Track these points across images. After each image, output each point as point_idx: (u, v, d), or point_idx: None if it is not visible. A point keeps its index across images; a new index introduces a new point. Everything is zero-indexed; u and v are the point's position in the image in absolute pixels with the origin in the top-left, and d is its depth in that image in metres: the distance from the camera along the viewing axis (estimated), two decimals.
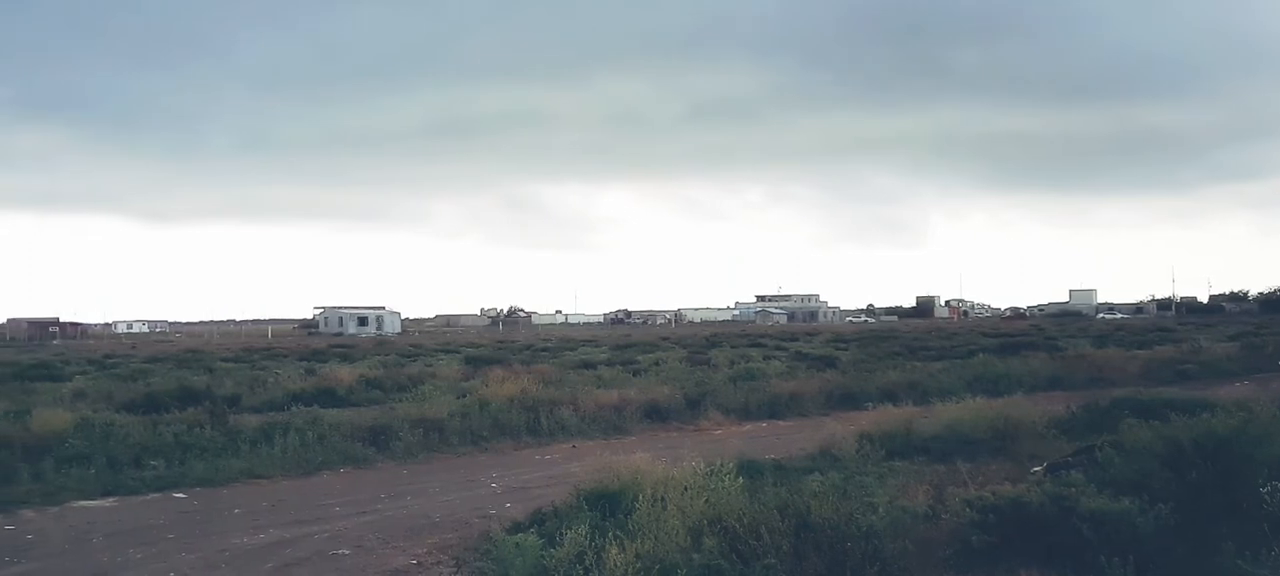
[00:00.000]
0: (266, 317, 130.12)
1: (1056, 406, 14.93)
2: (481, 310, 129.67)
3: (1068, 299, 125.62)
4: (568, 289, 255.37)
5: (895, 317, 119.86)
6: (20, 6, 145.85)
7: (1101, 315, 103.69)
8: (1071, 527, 6.77)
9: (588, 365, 29.13)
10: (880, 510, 7.33)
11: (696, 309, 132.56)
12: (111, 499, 11.40)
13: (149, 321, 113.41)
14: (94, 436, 13.51)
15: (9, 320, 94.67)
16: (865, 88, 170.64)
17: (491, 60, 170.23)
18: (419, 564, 8.28)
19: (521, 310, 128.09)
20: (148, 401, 18.40)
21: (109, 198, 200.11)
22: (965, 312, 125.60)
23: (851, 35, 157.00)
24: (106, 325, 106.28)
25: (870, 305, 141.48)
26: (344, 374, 24.97)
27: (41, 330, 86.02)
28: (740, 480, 8.05)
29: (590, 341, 50.08)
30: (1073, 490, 7.38)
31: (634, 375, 24.93)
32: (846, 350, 36.21)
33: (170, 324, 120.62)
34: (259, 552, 8.71)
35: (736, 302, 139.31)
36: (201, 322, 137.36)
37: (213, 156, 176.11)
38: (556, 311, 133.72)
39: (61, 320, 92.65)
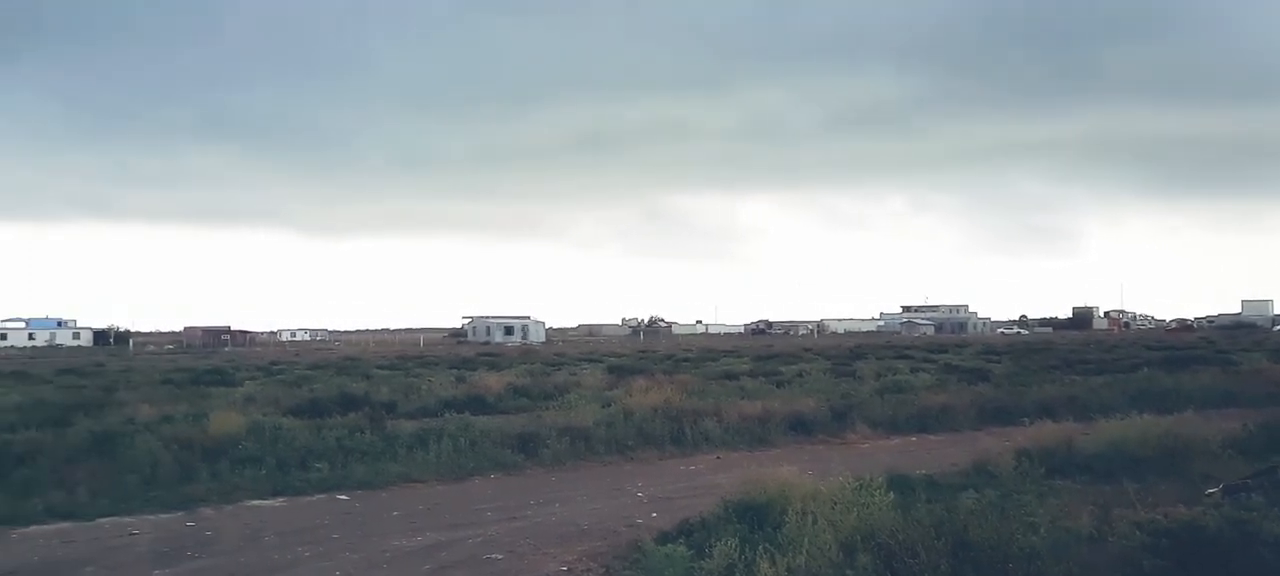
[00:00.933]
0: (419, 327, 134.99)
1: (1231, 424, 14.04)
2: (623, 320, 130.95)
3: (1240, 310, 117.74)
4: (708, 299, 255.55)
5: (1050, 329, 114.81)
6: (196, 38, 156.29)
7: (1279, 327, 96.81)
8: (1254, 554, 6.35)
9: (730, 376, 29.04)
10: (1042, 531, 7.03)
11: (839, 319, 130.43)
12: (281, 499, 12.03)
13: (311, 330, 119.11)
14: (264, 439, 14.26)
15: (185, 328, 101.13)
16: (1011, 91, 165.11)
17: (632, 73, 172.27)
18: (569, 570, 8.42)
19: (662, 320, 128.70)
20: (312, 406, 19.33)
21: (275, 213, 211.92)
22: (1127, 324, 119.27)
23: (996, 38, 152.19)
24: (272, 333, 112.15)
25: (1023, 316, 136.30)
26: (492, 381, 25.65)
27: (214, 338, 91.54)
28: (891, 495, 7.87)
29: (731, 352, 49.93)
30: (1254, 514, 6.93)
31: (777, 386, 24.70)
32: (999, 363, 34.95)
33: (330, 332, 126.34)
34: (417, 554, 9.03)
35: (881, 313, 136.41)
36: (358, 331, 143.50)
37: (369, 173, 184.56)
38: (697, 321, 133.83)
39: (232, 328, 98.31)
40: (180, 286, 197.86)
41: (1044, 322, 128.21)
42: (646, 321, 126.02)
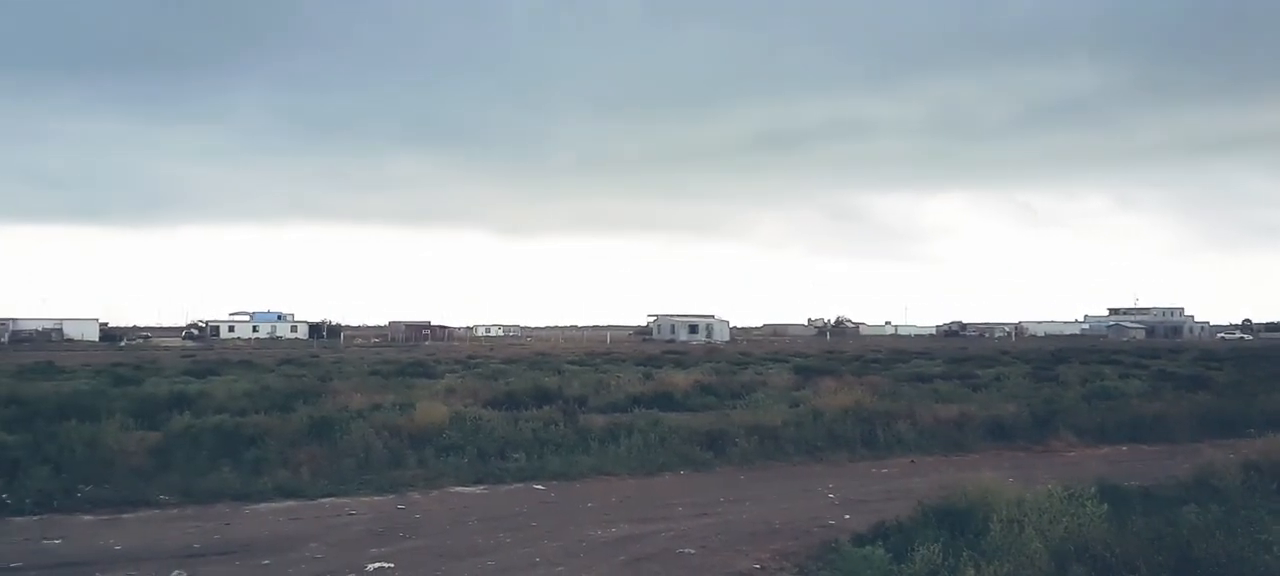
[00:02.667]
0: (605, 324, 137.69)
1: None
2: (808, 320, 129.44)
3: None
4: (896, 299, 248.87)
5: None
6: (399, 51, 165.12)
7: None
8: None
9: (922, 378, 28.21)
10: (1276, 550, 6.49)
11: (1039, 321, 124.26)
12: (482, 486, 12.55)
13: (504, 326, 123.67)
14: (466, 429, 14.91)
15: (390, 323, 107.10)
16: (1226, 79, 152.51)
17: (813, 72, 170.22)
18: (763, 568, 8.39)
19: (849, 320, 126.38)
20: (508, 399, 20.08)
21: (471, 214, 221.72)
22: None
23: (1206, 23, 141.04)
24: (468, 329, 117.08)
25: (1246, 320, 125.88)
26: (679, 379, 25.87)
27: (416, 332, 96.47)
28: (1104, 506, 7.45)
29: (923, 353, 48.49)
30: None
31: (973, 390, 23.82)
32: (1219, 370, 32.45)
33: (522, 328, 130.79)
34: (612, 545, 9.22)
35: (1085, 315, 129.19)
36: (548, 328, 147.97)
37: (558, 175, 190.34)
38: (886, 322, 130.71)
39: (432, 323, 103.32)
40: (385, 283, 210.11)
41: (1271, 327, 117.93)
42: (833, 321, 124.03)
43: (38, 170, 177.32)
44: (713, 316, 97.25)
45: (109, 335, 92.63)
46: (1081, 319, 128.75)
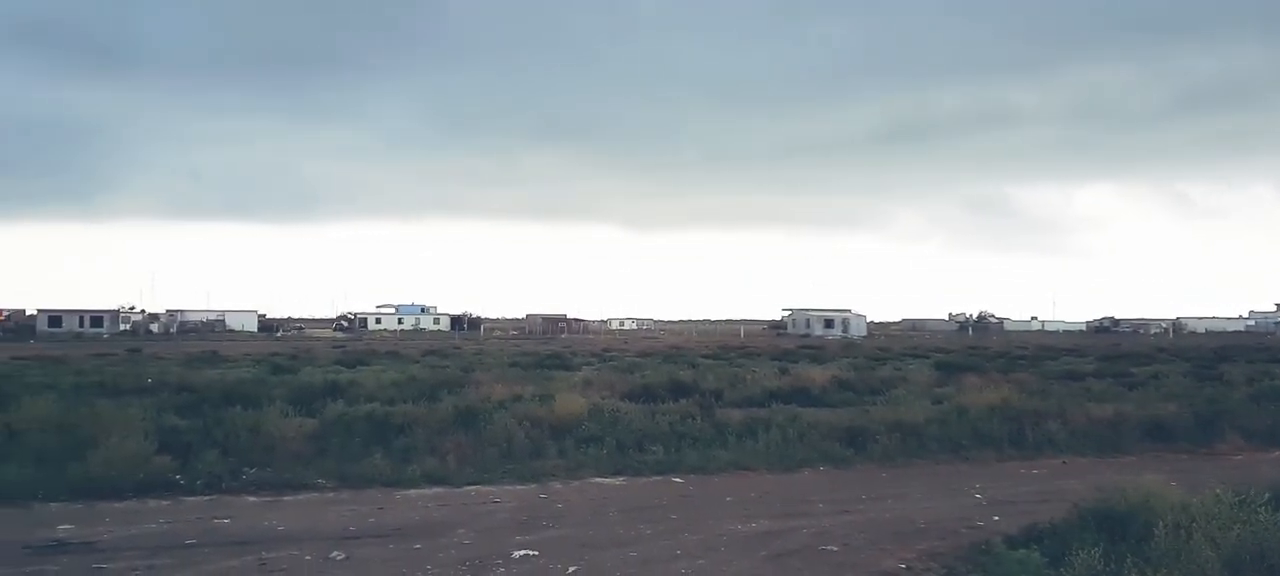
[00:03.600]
0: (738, 318, 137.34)
1: None
2: (949, 315, 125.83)
3: None
4: (1042, 294, 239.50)
5: None
6: (530, 51, 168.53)
7: None
8: None
9: (1073, 376, 27.09)
10: None
11: (1199, 317, 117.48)
12: (620, 477, 12.68)
13: (637, 319, 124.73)
14: (604, 421, 15.08)
15: (527, 316, 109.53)
16: None
17: (951, 59, 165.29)
18: (908, 568, 8.20)
19: (992, 315, 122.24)
20: (644, 392, 20.22)
21: (602, 209, 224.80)
22: None
23: None
24: (603, 322, 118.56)
25: None
26: (816, 374, 25.56)
27: (552, 325, 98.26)
28: None
29: (1072, 350, 46.56)
30: None
31: (1128, 389, 22.70)
32: None
33: (655, 322, 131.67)
34: (752, 540, 9.18)
35: (1250, 311, 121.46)
36: (680, 321, 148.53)
37: (685, 169, 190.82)
38: (1031, 318, 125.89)
39: (568, 316, 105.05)
40: (521, 277, 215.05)
41: None
42: (975, 317, 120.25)
43: (201, 170, 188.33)
44: (849, 311, 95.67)
45: (266, 326, 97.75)
46: (1246, 315, 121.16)
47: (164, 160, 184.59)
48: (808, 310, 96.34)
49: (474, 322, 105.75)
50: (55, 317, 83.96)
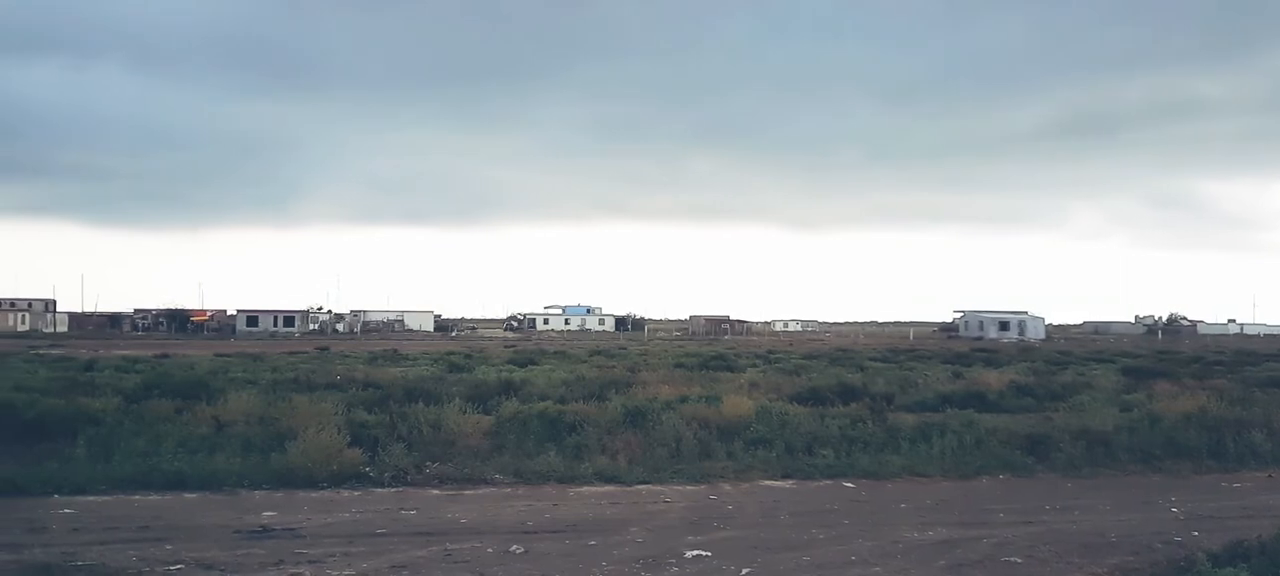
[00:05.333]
0: (906, 320, 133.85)
1: None
2: (1135, 317, 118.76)
3: None
4: (1240, 294, 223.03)
5: None
6: (689, 53, 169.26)
7: None
8: None
9: (1277, 382, 25.08)
10: None
11: None
12: (790, 481, 12.57)
13: (801, 321, 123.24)
14: (772, 423, 14.98)
15: (691, 317, 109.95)
16: None
17: (1132, 49, 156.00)
18: None
19: (1183, 318, 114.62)
20: (811, 394, 19.97)
21: (764, 209, 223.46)
22: None
23: None
24: (766, 323, 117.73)
25: None
26: (992, 378, 24.63)
27: (716, 326, 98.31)
28: None
29: (1277, 355, 43.17)
30: None
31: None
32: None
33: (820, 323, 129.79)
34: (930, 548, 8.93)
35: None
36: (846, 323, 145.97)
37: (847, 169, 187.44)
38: (1228, 320, 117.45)
39: (731, 317, 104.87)
40: (684, 278, 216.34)
41: None
42: (1165, 319, 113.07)
43: (379, 177, 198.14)
44: (1026, 313, 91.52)
45: (442, 326, 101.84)
46: None
47: (349, 170, 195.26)
48: (981, 312, 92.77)
49: (638, 323, 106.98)
50: (252, 317, 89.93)
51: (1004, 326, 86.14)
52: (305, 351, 42.85)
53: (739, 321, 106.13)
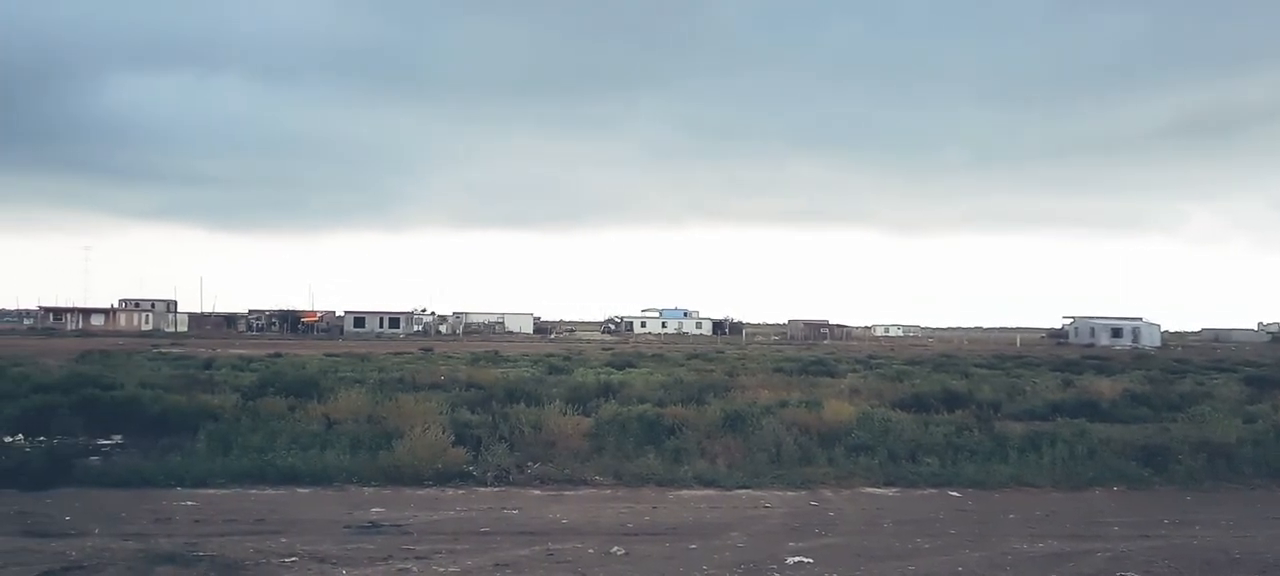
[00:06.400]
0: (1013, 326, 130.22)
1: None
2: (1258, 324, 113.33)
3: None
4: None
5: None
6: (789, 58, 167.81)
7: None
8: None
9: None
10: None
11: None
12: (893, 489, 12.34)
13: (903, 325, 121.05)
14: (874, 429, 14.75)
15: (790, 321, 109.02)
16: None
17: (1256, 46, 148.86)
18: None
19: None
20: (915, 401, 19.61)
21: (865, 213, 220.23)
22: None
23: None
24: (866, 328, 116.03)
25: None
26: (1104, 387, 23.78)
27: (815, 330, 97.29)
28: None
29: None
30: None
31: None
32: None
33: (922, 329, 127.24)
34: (1041, 561, 8.66)
35: None
36: (949, 328, 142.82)
37: (951, 171, 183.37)
38: None
39: (830, 322, 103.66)
40: (782, 282, 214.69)
41: None
42: None
43: (482, 182, 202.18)
44: (1139, 319, 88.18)
45: (541, 328, 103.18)
46: None
47: (454, 175, 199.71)
48: (1092, 318, 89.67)
49: (735, 327, 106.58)
50: (360, 319, 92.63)
51: (1116, 333, 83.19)
52: (409, 352, 43.91)
53: (838, 326, 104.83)
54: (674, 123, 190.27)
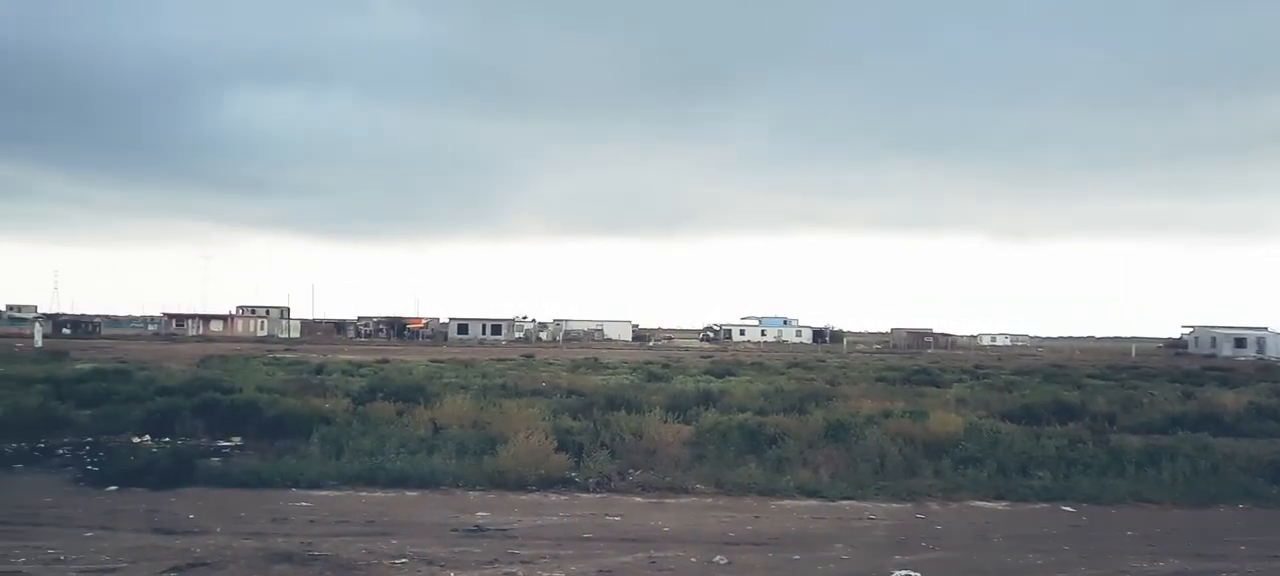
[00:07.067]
0: (1127, 335, 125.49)
1: None
2: None
3: None
4: None
5: None
6: (891, 62, 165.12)
7: None
8: None
9: None
10: None
11: None
12: (1002, 503, 12.00)
13: (1010, 335, 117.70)
14: (982, 441, 14.39)
15: (892, 330, 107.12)
16: None
17: None
18: None
19: None
20: (1024, 412, 19.08)
21: (971, 218, 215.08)
22: None
23: None
24: (972, 337, 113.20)
25: None
26: (1228, 399, 22.79)
27: (918, 339, 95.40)
28: None
29: None
30: None
31: None
32: None
33: (1030, 338, 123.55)
34: None
35: None
36: (1059, 338, 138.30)
37: (1061, 175, 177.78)
38: None
39: (934, 331, 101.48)
40: (885, 290, 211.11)
41: None
42: None
43: (579, 191, 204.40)
44: (1265, 328, 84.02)
45: (639, 336, 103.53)
46: None
47: (554, 185, 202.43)
48: (1213, 327, 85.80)
49: (836, 336, 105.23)
50: (463, 325, 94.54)
51: (1240, 343, 79.43)
52: (511, 358, 44.60)
53: (943, 334, 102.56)
54: (778, 127, 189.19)
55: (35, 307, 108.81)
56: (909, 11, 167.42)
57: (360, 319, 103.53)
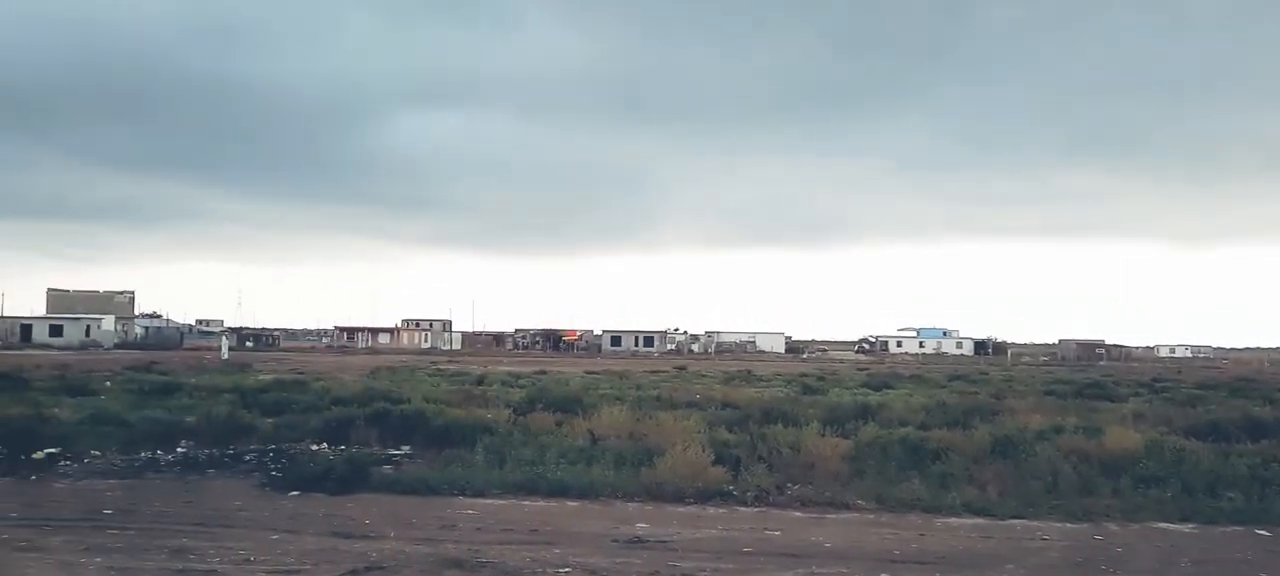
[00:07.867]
0: None
1: None
2: None
3: None
4: None
5: None
6: (1068, 62, 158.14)
7: None
8: None
9: None
10: None
11: None
12: (1189, 525, 11.25)
13: (1190, 345, 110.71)
14: (1165, 459, 13.59)
15: (1061, 341, 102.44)
16: None
17: None
18: None
19: None
20: (1211, 429, 17.86)
21: (1140, 225, 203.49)
22: None
23: None
24: (1148, 348, 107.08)
25: None
26: None
27: (1089, 351, 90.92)
28: None
29: None
30: None
31: None
32: None
33: (1214, 349, 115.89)
34: None
35: None
36: (1245, 348, 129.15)
37: (1245, 177, 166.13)
38: None
39: (1106, 342, 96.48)
40: (1050, 300, 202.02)
41: None
42: None
43: (727, 204, 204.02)
44: None
45: (793, 348, 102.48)
46: None
47: (706, 197, 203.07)
48: None
49: (999, 347, 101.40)
50: (616, 337, 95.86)
51: None
52: (664, 370, 44.86)
53: (1115, 345, 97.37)
54: (935, 134, 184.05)
55: (222, 322, 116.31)
56: (1074, 9, 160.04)
57: (517, 331, 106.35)
